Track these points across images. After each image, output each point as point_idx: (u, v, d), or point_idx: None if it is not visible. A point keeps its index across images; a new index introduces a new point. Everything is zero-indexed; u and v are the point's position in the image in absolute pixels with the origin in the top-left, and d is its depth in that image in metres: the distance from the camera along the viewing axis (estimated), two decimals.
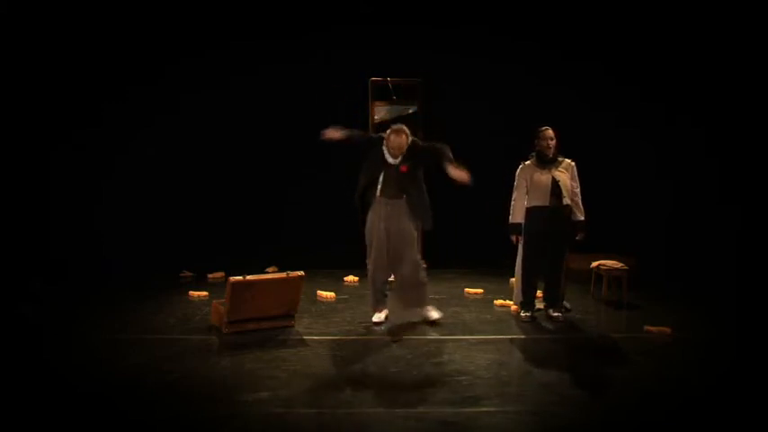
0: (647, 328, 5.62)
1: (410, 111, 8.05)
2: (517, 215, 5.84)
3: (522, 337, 5.49)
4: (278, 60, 8.38)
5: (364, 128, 7.92)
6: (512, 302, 6.30)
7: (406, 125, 5.55)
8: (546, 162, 5.77)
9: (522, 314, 5.94)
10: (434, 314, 5.84)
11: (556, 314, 5.90)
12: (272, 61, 8.38)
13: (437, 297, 6.69)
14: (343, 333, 5.55)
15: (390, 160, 5.63)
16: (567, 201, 5.73)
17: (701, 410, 4.03)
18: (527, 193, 5.80)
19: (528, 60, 8.30)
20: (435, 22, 8.19)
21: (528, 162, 5.85)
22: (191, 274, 7.76)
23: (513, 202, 5.88)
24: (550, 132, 5.77)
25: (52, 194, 8.21)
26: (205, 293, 6.74)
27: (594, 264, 6.78)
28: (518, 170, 5.89)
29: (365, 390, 4.28)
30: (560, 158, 5.82)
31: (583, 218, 5.87)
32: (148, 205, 8.29)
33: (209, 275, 7.59)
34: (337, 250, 7.74)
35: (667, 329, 5.57)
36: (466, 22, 8.25)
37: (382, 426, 3.79)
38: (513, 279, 6.32)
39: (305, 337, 5.39)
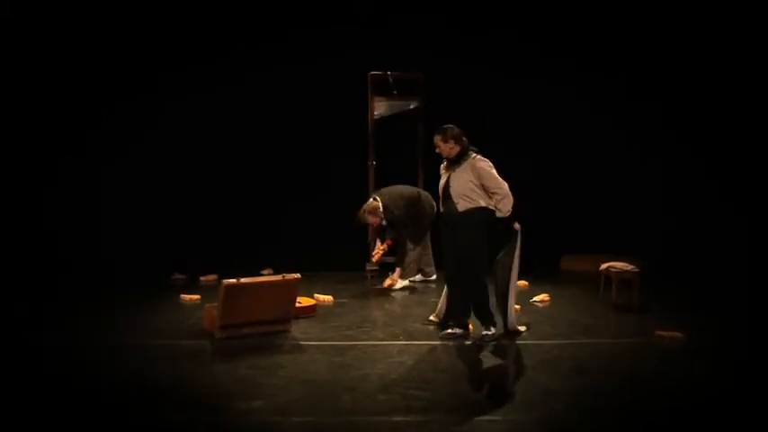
0: (658, 332, 5.43)
1: (411, 107, 7.89)
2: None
3: (528, 342, 5.32)
4: (275, 60, 8.31)
5: (363, 124, 7.79)
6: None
7: (407, 121, 5.49)
8: (450, 163, 5.28)
9: (441, 332, 5.45)
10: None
11: (483, 333, 5.35)
12: (270, 61, 8.31)
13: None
14: (342, 338, 5.40)
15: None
16: (464, 206, 5.15)
17: (713, 419, 3.90)
18: None
19: (533, 61, 8.21)
20: (437, 13, 8.10)
21: (444, 163, 5.40)
22: (183, 276, 7.61)
23: None
24: (435, 138, 5.25)
25: (46, 197, 8.14)
26: (197, 297, 6.60)
27: (604, 266, 6.58)
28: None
29: (364, 397, 4.13)
30: (467, 156, 5.21)
31: (506, 215, 5.17)
32: (139, 206, 8.21)
33: (202, 278, 7.46)
34: (336, 252, 7.60)
35: (679, 334, 5.39)
36: (468, 16, 8.16)
37: None
38: (521, 282, 6.15)
39: (301, 343, 5.26)
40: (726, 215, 7.66)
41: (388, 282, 7.21)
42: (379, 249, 7.29)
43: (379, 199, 7.07)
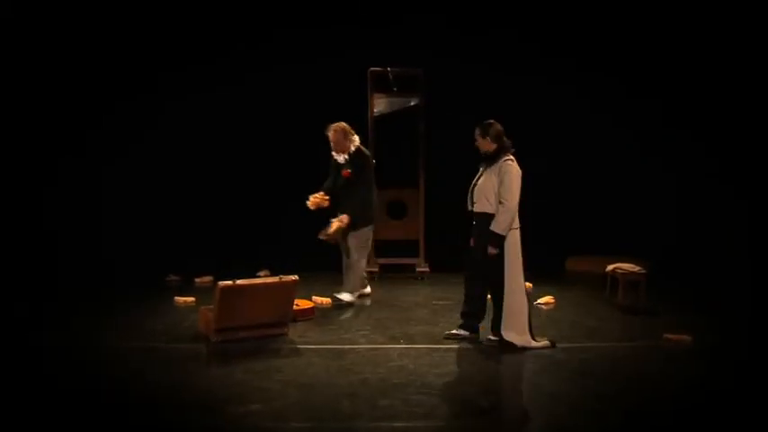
0: (665, 335, 5.35)
1: (411, 104, 7.82)
2: None
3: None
4: (275, 60, 8.26)
5: (362, 121, 7.74)
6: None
7: (407, 118, 5.41)
8: (486, 160, 5.18)
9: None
10: (346, 297, 6.48)
11: (488, 337, 5.22)
12: (270, 61, 8.26)
13: (442, 303, 6.51)
14: (341, 341, 5.32)
15: (337, 157, 6.57)
16: (481, 208, 5.08)
17: (719, 422, 3.84)
18: None
19: (533, 60, 8.14)
20: (437, 13, 8.04)
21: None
22: (177, 277, 7.55)
23: None
24: (475, 131, 5.16)
25: (46, 197, 8.09)
26: (192, 299, 6.54)
27: (610, 267, 6.47)
28: None
29: (364, 402, 4.05)
30: (502, 158, 5.11)
31: (496, 230, 4.99)
32: (139, 206, 8.16)
33: (197, 279, 7.39)
34: (334, 253, 7.51)
35: (687, 337, 5.31)
36: (468, 16, 8.10)
37: None
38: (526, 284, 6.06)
39: (299, 346, 5.18)
40: (729, 215, 7.58)
41: (335, 223, 6.47)
42: (318, 196, 6.57)
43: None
